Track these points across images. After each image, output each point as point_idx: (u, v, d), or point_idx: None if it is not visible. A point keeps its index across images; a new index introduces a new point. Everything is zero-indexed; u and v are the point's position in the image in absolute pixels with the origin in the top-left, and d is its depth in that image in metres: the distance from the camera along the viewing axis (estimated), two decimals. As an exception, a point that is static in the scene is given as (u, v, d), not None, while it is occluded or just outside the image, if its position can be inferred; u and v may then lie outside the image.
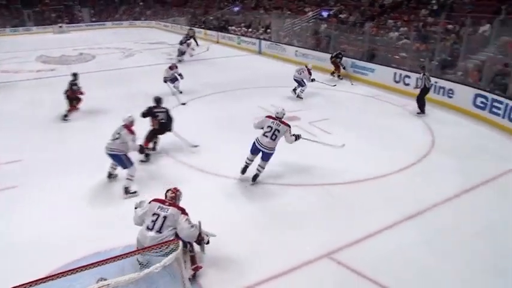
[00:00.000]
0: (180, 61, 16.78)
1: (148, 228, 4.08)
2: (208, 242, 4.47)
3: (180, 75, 11.59)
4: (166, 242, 3.69)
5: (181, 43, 17.91)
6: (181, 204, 4.40)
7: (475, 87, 10.05)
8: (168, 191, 4.46)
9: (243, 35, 22.53)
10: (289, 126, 6.37)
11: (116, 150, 6.05)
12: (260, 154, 6.35)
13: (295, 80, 11.58)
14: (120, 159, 6.10)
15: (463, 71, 11.21)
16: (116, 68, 16.87)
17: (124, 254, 3.39)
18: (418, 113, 10.06)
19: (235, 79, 13.56)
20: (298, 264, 4.60)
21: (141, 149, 6.42)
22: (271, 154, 6.34)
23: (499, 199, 6.14)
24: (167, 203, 4.25)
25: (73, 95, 9.76)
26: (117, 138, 6.04)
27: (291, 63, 16.92)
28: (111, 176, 6.60)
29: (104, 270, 3.12)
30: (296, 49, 17.57)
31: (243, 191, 6.31)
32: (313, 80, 11.68)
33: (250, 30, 23.08)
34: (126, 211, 4.97)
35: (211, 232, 4.53)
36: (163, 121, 7.49)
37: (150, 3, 42.67)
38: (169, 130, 7.64)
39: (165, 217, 4.10)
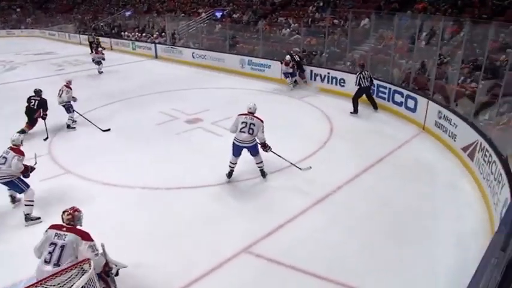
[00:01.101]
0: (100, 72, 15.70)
1: (45, 262, 3.50)
2: (117, 274, 4.04)
3: (73, 98, 9.41)
4: (75, 264, 3.34)
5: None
6: (85, 226, 3.88)
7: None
8: (64, 212, 3.77)
9: (137, 40, 21.72)
10: (262, 121, 6.32)
11: (6, 176, 5.38)
12: (243, 153, 6.34)
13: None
14: (14, 184, 5.47)
15: (350, 61, 12.04)
16: (-1, 82, 15.01)
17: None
18: (351, 112, 9.76)
19: (134, 86, 13.00)
20: (218, 263, 4.55)
21: (26, 171, 5.60)
22: (256, 146, 6.32)
23: (394, 173, 6.72)
24: (64, 228, 3.64)
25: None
26: (2, 164, 5.35)
27: (189, 65, 16.76)
28: (14, 200, 5.90)
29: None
30: (193, 51, 17.41)
31: (153, 199, 6.08)
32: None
33: (144, 34, 22.33)
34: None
35: (120, 262, 4.08)
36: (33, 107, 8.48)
37: (29, 9, 38.94)
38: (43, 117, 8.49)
39: (62, 246, 3.51)
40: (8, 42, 29.64)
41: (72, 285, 3.12)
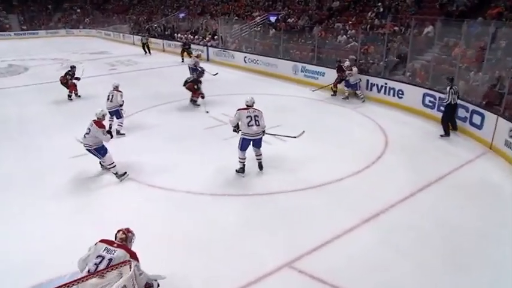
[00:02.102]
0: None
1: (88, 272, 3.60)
2: (158, 286, 4.16)
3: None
4: (116, 264, 3.47)
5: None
6: (123, 223, 4.11)
7: (423, 87, 10.56)
8: (118, 231, 4.01)
9: (190, 43, 22.22)
10: (261, 111, 7.00)
11: (88, 145, 6.73)
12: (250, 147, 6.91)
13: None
14: (96, 151, 6.78)
15: (411, 71, 11.70)
16: (53, 80, 16.00)
17: (70, 282, 3.10)
18: (441, 136, 8.85)
19: (183, 88, 13.32)
20: (259, 276, 4.53)
21: (110, 135, 6.90)
22: (261, 138, 6.97)
23: (453, 195, 6.40)
24: (115, 245, 3.81)
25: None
26: (87, 134, 6.69)
27: (240, 70, 16.97)
28: (102, 165, 7.21)
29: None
30: (245, 55, 17.64)
31: (196, 205, 6.18)
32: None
33: (196, 37, 22.94)
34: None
35: (158, 275, 4.17)
36: None
37: (88, 10, 41.34)
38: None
39: (110, 259, 3.65)
40: (67, 41, 31.69)
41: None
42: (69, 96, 12.62)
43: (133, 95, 11.60)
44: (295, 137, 7.26)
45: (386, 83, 11.55)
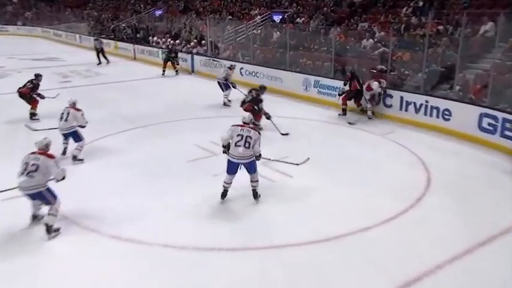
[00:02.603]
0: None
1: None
2: None
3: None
4: None
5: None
6: None
7: (479, 105, 10.47)
8: None
9: (177, 50, 22.16)
10: (259, 133, 7.50)
11: (33, 188, 6.40)
12: (240, 170, 7.38)
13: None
14: (43, 195, 6.50)
15: (461, 84, 11.63)
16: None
17: None
18: None
19: (161, 109, 13.32)
20: None
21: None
22: (254, 162, 7.39)
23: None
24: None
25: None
26: (33, 171, 6.37)
27: (236, 85, 16.96)
28: (36, 216, 6.89)
29: None
30: (241, 66, 17.69)
31: (176, 262, 6.00)
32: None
33: (178, 42, 22.93)
34: None
35: None
36: None
37: (29, 1, 40.91)
38: None
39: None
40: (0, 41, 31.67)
41: None
42: (33, 115, 12.56)
43: (94, 117, 11.47)
44: (297, 164, 7.63)
45: (427, 101, 11.49)
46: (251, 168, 7.41)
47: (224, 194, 7.50)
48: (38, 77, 12.79)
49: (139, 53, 24.31)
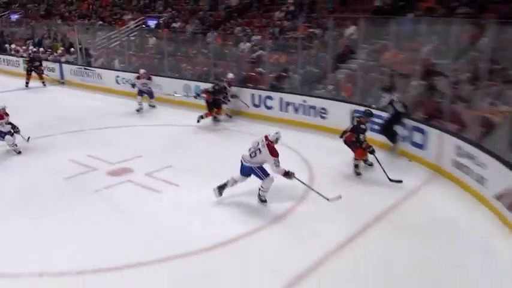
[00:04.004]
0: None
1: None
2: None
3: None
4: None
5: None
6: None
7: (350, 102, 11.28)
8: None
9: (41, 58, 20.96)
10: (275, 156, 7.39)
11: None
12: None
13: None
14: None
15: (334, 84, 12.41)
16: None
17: None
18: (392, 143, 10.08)
19: (29, 124, 12.61)
20: None
21: None
22: (257, 169, 7.57)
23: (400, 235, 6.80)
24: None
25: None
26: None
27: (112, 94, 16.69)
28: None
29: None
30: (117, 74, 17.39)
31: None
32: None
33: (42, 49, 21.57)
34: None
35: None
36: None
37: None
38: None
39: None
40: None
41: None
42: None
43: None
44: (328, 199, 7.39)
45: (305, 101, 12.16)
46: (256, 174, 7.62)
47: (222, 187, 7.77)
48: None
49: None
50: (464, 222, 7.22)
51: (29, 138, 10.93)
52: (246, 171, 7.72)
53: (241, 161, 7.69)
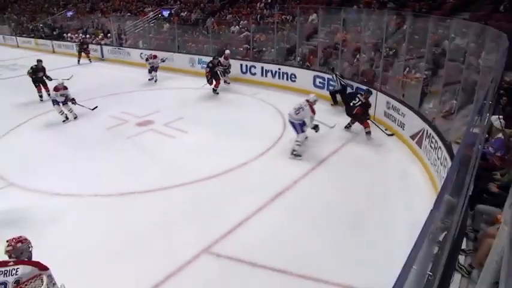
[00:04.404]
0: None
1: None
2: None
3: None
4: (26, 280, 3.01)
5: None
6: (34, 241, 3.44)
7: (313, 70, 11.16)
8: (6, 243, 3.24)
9: (83, 42, 20.56)
10: (313, 113, 7.18)
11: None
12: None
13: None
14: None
15: (301, 56, 12.22)
16: None
17: None
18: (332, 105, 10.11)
19: (80, 90, 12.38)
20: (180, 266, 4.46)
21: None
22: (299, 124, 7.16)
23: (348, 164, 6.92)
24: (12, 262, 3.11)
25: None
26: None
27: (137, 67, 16.28)
28: None
29: None
30: (141, 51, 16.93)
31: (105, 207, 5.84)
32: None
33: (88, 36, 21.41)
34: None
35: None
36: None
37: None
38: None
39: (17, 281, 3.01)
40: None
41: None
42: (41, 96, 11.57)
43: (28, 100, 10.63)
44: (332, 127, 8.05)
45: (279, 69, 11.95)
46: (296, 129, 7.17)
47: (296, 152, 7.13)
48: (39, 62, 11.71)
49: (57, 47, 22.17)
50: (391, 154, 7.32)
51: (95, 107, 10.13)
52: (292, 126, 7.31)
53: (289, 120, 7.31)
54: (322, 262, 4.49)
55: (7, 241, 3.25)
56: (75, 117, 9.77)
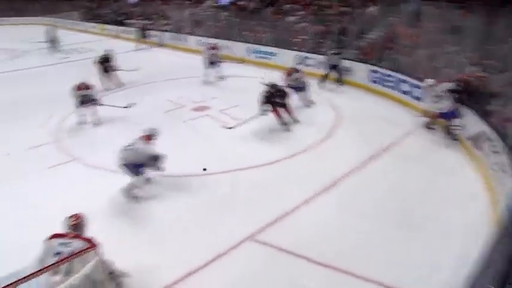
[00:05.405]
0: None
1: (54, 273, 3.32)
2: (121, 283, 4.08)
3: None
4: (79, 252, 3.38)
5: None
6: (92, 215, 3.95)
7: (369, 64, 10.82)
8: (68, 218, 3.75)
9: (144, 28, 21.36)
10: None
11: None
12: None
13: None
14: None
15: (358, 49, 11.93)
16: (3, 71, 15.15)
17: (36, 272, 3.13)
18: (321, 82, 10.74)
19: (140, 74, 12.95)
20: (224, 251, 4.62)
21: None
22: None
23: (399, 161, 6.74)
24: (69, 236, 3.57)
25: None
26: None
27: (195, 53, 16.63)
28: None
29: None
30: (199, 38, 17.34)
31: (158, 187, 6.13)
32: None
33: (150, 22, 22.19)
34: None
35: (124, 272, 4.13)
36: None
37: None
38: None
39: (71, 253, 3.42)
40: (12, 30, 29.57)
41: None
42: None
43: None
44: None
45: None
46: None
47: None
48: (108, 53, 11.84)
49: (121, 32, 23.22)
50: (448, 153, 6.97)
51: (129, 105, 9.16)
52: None
53: None
54: (370, 259, 4.46)
55: (68, 216, 3.70)
56: (95, 124, 8.75)
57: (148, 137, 5.79)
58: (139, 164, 5.63)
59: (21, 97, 11.24)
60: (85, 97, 8.48)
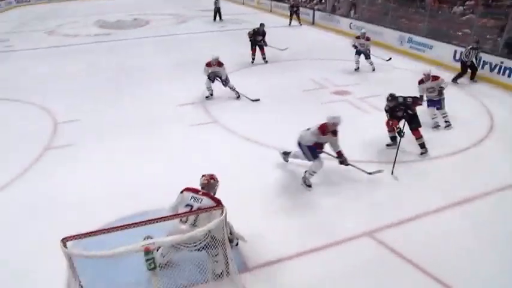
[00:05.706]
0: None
1: (181, 221, 3.73)
2: (237, 244, 4.40)
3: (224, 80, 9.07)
4: (208, 208, 3.71)
5: None
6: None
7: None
8: (202, 176, 4.12)
9: (299, 5, 21.48)
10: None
11: None
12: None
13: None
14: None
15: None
16: (170, 34, 17.22)
17: (170, 216, 3.59)
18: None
19: (288, 50, 13.30)
20: (339, 240, 4.61)
21: None
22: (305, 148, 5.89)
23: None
24: (201, 193, 3.90)
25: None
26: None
27: (345, 36, 16.36)
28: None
29: (150, 230, 3.33)
30: (351, 21, 16.94)
31: (283, 165, 6.30)
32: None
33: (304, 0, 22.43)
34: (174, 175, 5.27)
35: (242, 236, 4.37)
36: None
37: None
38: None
39: (199, 208, 3.74)
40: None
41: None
42: (253, 59, 12.07)
43: (240, 52, 12.13)
44: (370, 173, 5.96)
45: (502, 62, 10.28)
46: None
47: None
48: (261, 26, 12.02)
49: (274, 7, 24.03)
50: None
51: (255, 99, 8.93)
52: None
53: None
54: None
55: (203, 175, 4.10)
56: (237, 97, 8.97)
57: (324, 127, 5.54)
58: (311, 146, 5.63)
59: (184, 60, 12.68)
60: (214, 73, 8.73)
